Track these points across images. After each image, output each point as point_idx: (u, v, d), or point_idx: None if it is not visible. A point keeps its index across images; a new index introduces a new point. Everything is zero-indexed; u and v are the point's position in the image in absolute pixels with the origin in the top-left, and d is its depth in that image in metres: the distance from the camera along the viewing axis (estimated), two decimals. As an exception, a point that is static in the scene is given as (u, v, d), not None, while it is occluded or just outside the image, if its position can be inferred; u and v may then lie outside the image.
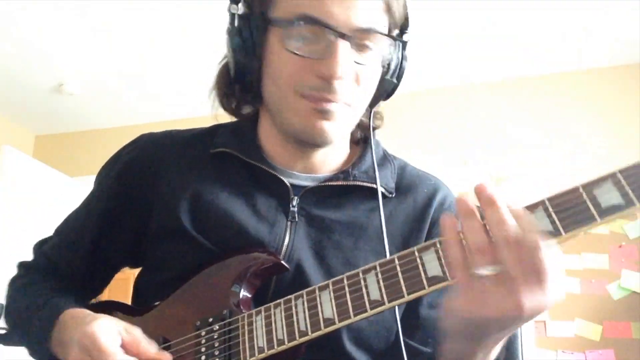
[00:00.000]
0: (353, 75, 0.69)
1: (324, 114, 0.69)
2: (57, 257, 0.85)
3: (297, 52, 0.67)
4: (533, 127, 3.44)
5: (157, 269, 0.77)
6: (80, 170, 4.17)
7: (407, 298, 0.55)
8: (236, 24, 0.72)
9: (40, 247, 0.89)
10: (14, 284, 0.85)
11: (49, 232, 0.91)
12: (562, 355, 2.93)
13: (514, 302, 0.49)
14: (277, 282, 0.72)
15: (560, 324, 2.95)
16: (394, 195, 0.78)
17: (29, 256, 0.89)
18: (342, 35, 0.66)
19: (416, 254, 0.56)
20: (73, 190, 4.02)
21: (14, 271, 0.88)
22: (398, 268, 0.57)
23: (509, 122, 3.49)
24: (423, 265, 0.55)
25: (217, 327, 0.66)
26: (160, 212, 0.77)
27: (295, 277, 0.71)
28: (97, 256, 0.82)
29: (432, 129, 3.57)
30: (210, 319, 0.67)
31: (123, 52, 3.34)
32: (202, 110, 3.81)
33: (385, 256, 0.70)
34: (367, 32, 0.68)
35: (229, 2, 0.73)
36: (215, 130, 0.84)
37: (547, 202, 0.51)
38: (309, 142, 0.74)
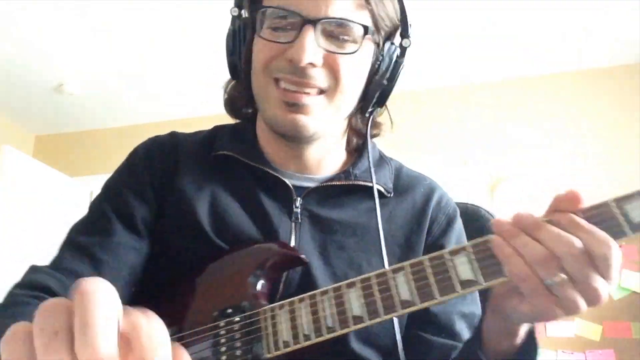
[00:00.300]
0: (322, 62, 0.70)
1: (297, 108, 0.71)
2: (80, 267, 0.72)
3: (269, 39, 0.70)
4: (533, 127, 3.44)
5: (167, 262, 0.76)
6: (80, 170, 4.17)
7: (439, 300, 0.55)
8: (235, 25, 0.76)
9: (37, 269, 0.73)
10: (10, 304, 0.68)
11: (49, 232, 0.86)
12: (562, 355, 2.93)
13: (580, 302, 0.51)
14: (285, 283, 0.72)
15: (560, 323, 2.95)
16: (392, 195, 0.80)
17: (28, 256, 0.82)
18: (308, 21, 0.68)
19: (447, 256, 0.56)
20: (73, 190, 4.02)
21: (13, 271, 0.79)
22: (429, 270, 0.56)
23: (509, 122, 3.49)
24: (455, 268, 0.55)
25: (238, 319, 0.65)
26: (176, 207, 0.76)
27: (303, 278, 0.72)
28: (127, 254, 0.75)
29: (432, 129, 3.58)
30: (229, 310, 0.66)
31: (123, 52, 3.34)
32: (202, 110, 3.83)
33: (382, 255, 0.71)
34: (338, 22, 0.69)
35: (232, 5, 0.77)
36: (215, 132, 0.85)
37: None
38: (287, 135, 0.74)
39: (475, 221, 0.94)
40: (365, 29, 0.70)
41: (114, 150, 4.19)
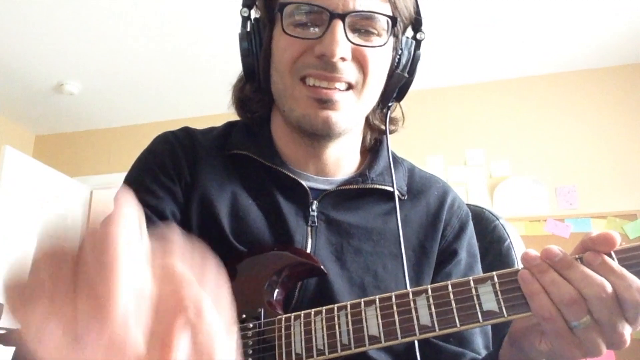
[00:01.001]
0: (351, 55, 0.69)
1: (328, 104, 0.69)
2: None
3: (296, 35, 0.69)
4: (533, 127, 3.44)
5: None
6: (80, 170, 4.17)
7: (460, 329, 0.54)
8: (247, 26, 0.75)
9: None
10: None
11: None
12: (563, 355, 2.92)
13: (602, 347, 0.50)
14: (300, 290, 0.71)
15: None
16: (406, 198, 0.79)
17: (28, 256, 0.81)
18: (337, 15, 0.67)
19: (472, 284, 0.55)
20: (73, 190, 4.02)
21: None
22: (451, 296, 0.55)
23: (509, 122, 3.49)
24: (478, 297, 0.54)
25: (252, 326, 0.64)
26: (199, 206, 0.74)
27: (319, 283, 0.71)
28: None
29: (433, 129, 3.58)
30: (244, 315, 0.65)
31: (123, 52, 3.34)
32: (202, 110, 3.82)
33: (402, 259, 0.70)
34: (365, 15, 0.68)
35: (241, 6, 0.76)
36: (229, 130, 0.83)
37: (613, 255, 0.51)
38: (314, 132, 0.72)
39: (479, 223, 0.94)
40: (393, 21, 0.70)
41: (114, 150, 4.19)
